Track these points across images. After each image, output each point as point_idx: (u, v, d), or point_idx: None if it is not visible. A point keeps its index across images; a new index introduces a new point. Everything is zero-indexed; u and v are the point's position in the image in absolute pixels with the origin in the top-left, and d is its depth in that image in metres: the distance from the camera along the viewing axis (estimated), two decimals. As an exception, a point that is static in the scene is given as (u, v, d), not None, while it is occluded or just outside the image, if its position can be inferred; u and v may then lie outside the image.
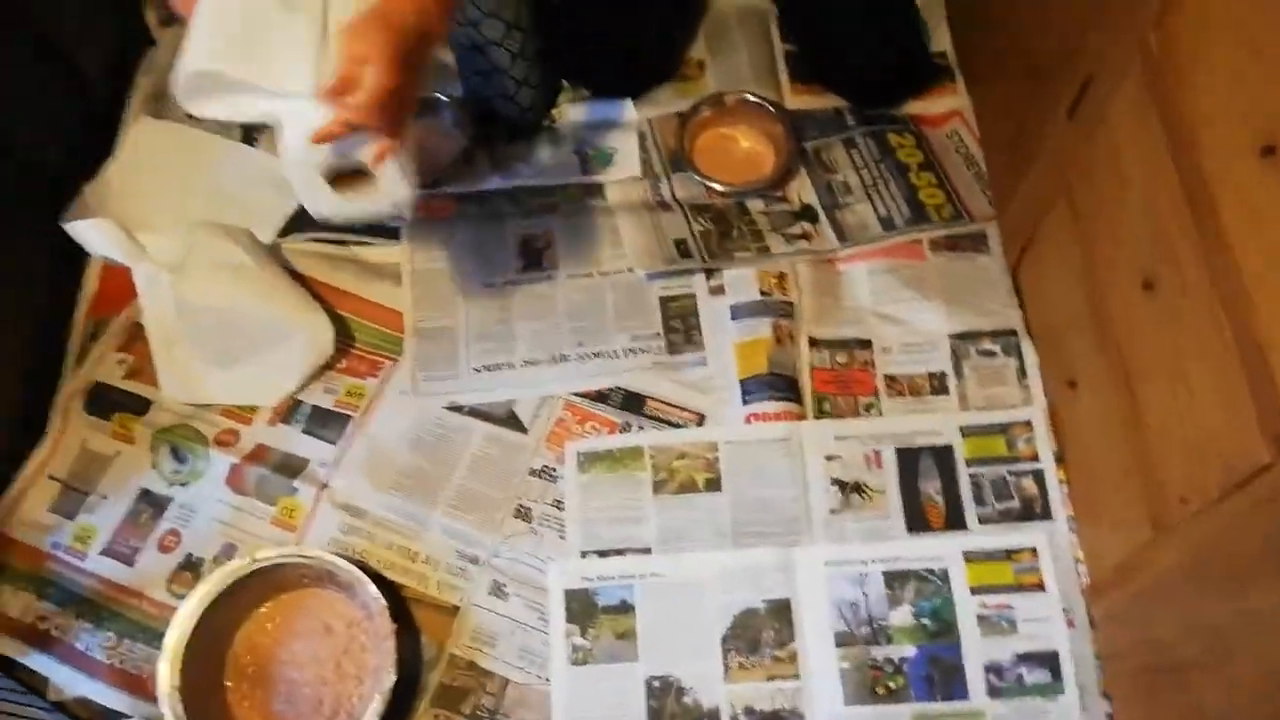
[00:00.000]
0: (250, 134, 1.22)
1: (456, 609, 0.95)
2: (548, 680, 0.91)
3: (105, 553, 0.99)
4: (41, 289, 1.11)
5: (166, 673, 0.87)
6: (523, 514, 0.99)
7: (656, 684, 0.90)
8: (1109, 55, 0.80)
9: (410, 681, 0.91)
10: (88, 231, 0.94)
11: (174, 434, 1.04)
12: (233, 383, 1.06)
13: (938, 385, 1.04)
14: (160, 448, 1.03)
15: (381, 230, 1.16)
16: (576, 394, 1.05)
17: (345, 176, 0.83)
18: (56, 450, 1.04)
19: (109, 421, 1.05)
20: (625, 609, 0.93)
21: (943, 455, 0.98)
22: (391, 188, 0.83)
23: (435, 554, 0.97)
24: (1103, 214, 0.84)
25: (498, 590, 0.95)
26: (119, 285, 1.12)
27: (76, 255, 1.13)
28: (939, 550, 0.93)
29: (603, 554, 0.96)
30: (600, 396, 1.05)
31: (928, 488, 0.97)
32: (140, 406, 1.06)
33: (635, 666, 0.91)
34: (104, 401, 1.06)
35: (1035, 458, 0.97)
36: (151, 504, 1.01)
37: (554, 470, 1.01)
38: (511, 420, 1.04)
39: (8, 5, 1.06)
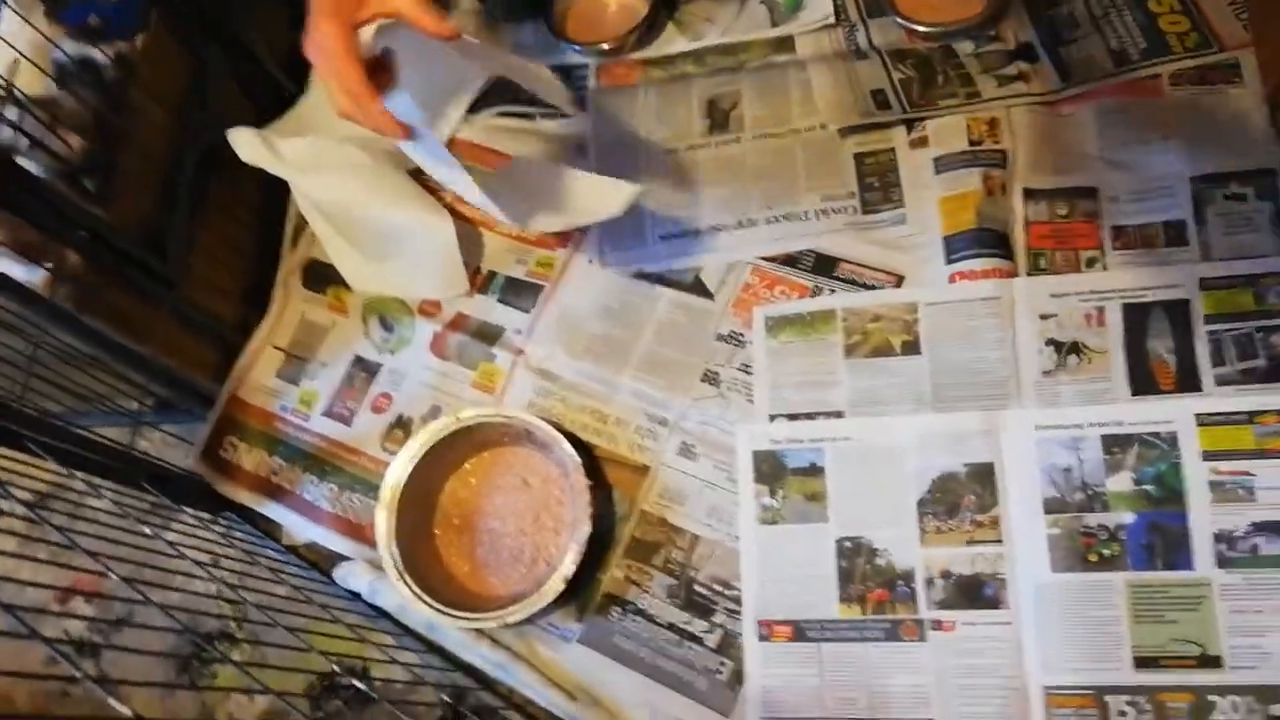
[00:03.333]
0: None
1: (647, 468, 1.02)
2: (737, 538, 0.97)
3: (326, 414, 1.14)
4: (260, 174, 1.27)
5: (384, 520, 1.00)
6: (710, 378, 1.05)
7: (848, 544, 0.94)
8: None
9: (604, 534, 1.00)
10: (234, 139, 1.09)
11: (382, 305, 1.17)
12: (386, 275, 1.16)
13: (1174, 236, 0.98)
14: (370, 318, 1.17)
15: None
16: (765, 258, 1.09)
17: None
18: (279, 322, 1.20)
19: (324, 295, 1.20)
20: (815, 471, 0.97)
21: (1177, 311, 0.94)
22: None
23: (625, 416, 1.05)
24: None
25: (687, 451, 1.02)
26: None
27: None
28: (1168, 413, 0.90)
29: (792, 417, 1.00)
30: (790, 260, 1.08)
31: (1158, 347, 0.94)
32: (350, 280, 1.20)
33: (825, 527, 0.95)
34: (318, 276, 1.21)
35: (1290, 311, 0.91)
36: (365, 370, 1.15)
37: (741, 335, 1.06)
38: (698, 286, 1.09)
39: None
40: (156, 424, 1.16)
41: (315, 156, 1.11)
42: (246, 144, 1.10)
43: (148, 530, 0.89)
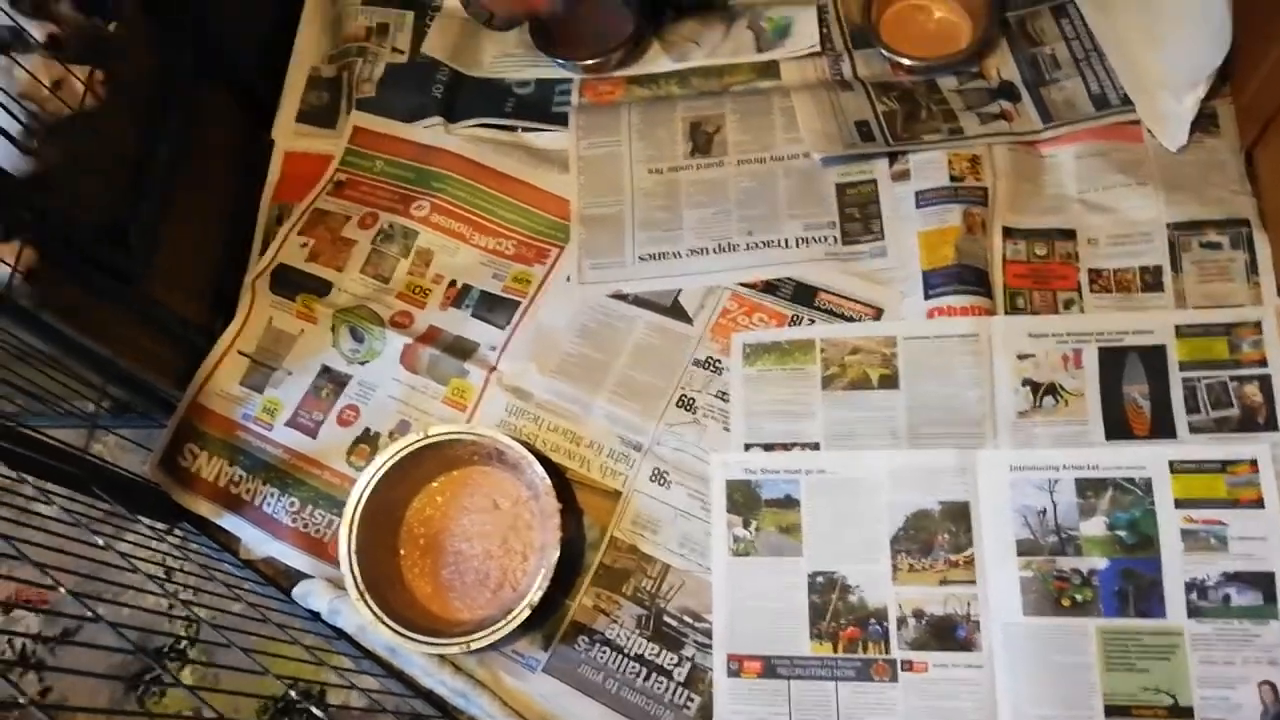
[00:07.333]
0: None
1: (619, 494, 0.99)
2: (709, 569, 0.94)
3: (290, 424, 1.09)
4: (231, 177, 1.21)
5: (346, 537, 0.96)
6: (686, 404, 1.01)
7: (820, 580, 0.91)
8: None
9: (574, 560, 0.96)
10: None
11: (353, 315, 1.12)
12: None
13: (1151, 281, 0.97)
14: (340, 327, 1.12)
15: (549, 116, 1.20)
16: (744, 285, 1.06)
17: None
18: (245, 328, 1.15)
19: (293, 301, 1.15)
20: (790, 503, 0.94)
21: (1153, 357, 0.93)
22: None
23: (598, 439, 1.01)
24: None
25: (660, 478, 0.99)
26: (301, 172, 1.22)
27: (261, 143, 1.24)
28: (1142, 459, 0.89)
29: (767, 448, 0.98)
30: (769, 288, 1.05)
31: (1133, 392, 0.92)
32: (321, 288, 1.14)
33: (799, 561, 0.92)
34: (288, 283, 1.16)
35: (1262, 362, 0.90)
36: (332, 380, 1.10)
37: (719, 362, 1.03)
38: (676, 310, 1.06)
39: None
40: (113, 427, 1.10)
41: None
42: None
43: (100, 541, 0.84)
